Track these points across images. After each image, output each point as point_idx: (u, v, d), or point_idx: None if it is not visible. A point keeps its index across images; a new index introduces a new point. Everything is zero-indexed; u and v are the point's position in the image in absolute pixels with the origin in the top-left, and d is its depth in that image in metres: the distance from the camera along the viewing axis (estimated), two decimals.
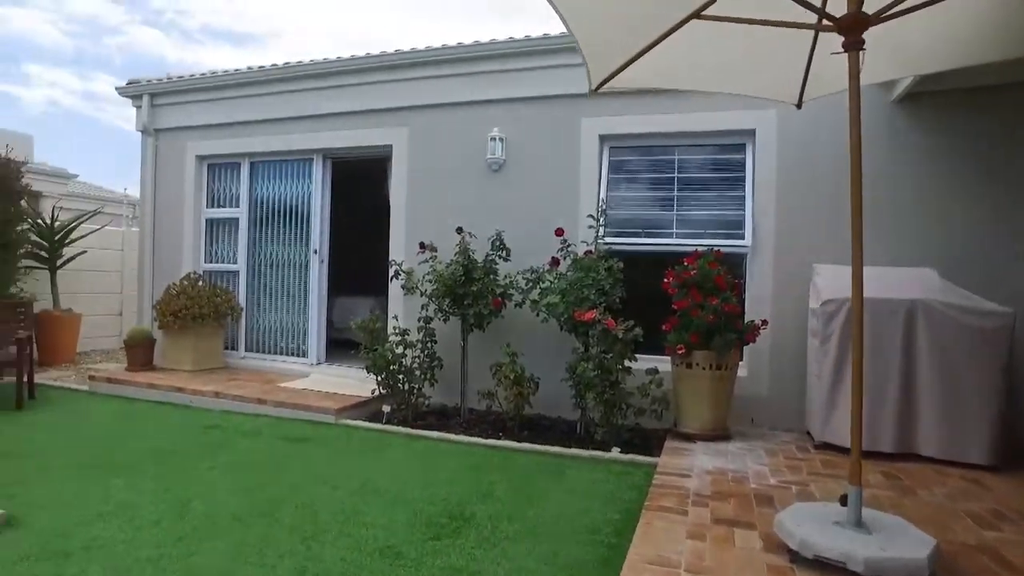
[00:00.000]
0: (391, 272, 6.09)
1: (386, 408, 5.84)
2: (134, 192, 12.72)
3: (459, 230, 5.93)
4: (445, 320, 5.82)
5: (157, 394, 6.60)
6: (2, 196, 7.19)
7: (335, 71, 6.98)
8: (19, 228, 7.59)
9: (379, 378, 5.81)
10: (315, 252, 7.33)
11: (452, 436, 5.29)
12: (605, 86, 3.79)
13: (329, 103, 7.09)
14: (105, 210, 11.97)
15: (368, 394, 6.16)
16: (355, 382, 6.72)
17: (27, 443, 5.02)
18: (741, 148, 5.70)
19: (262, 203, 7.75)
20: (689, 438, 4.89)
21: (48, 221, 8.85)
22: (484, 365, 5.74)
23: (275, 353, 7.63)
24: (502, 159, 6.28)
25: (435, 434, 5.35)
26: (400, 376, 5.76)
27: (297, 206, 7.52)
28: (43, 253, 8.79)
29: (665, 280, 5.09)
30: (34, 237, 8.46)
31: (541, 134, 6.21)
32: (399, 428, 5.56)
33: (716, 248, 5.15)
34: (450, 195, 6.52)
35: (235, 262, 7.84)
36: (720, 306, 4.73)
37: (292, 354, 7.51)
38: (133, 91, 8.13)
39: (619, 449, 4.96)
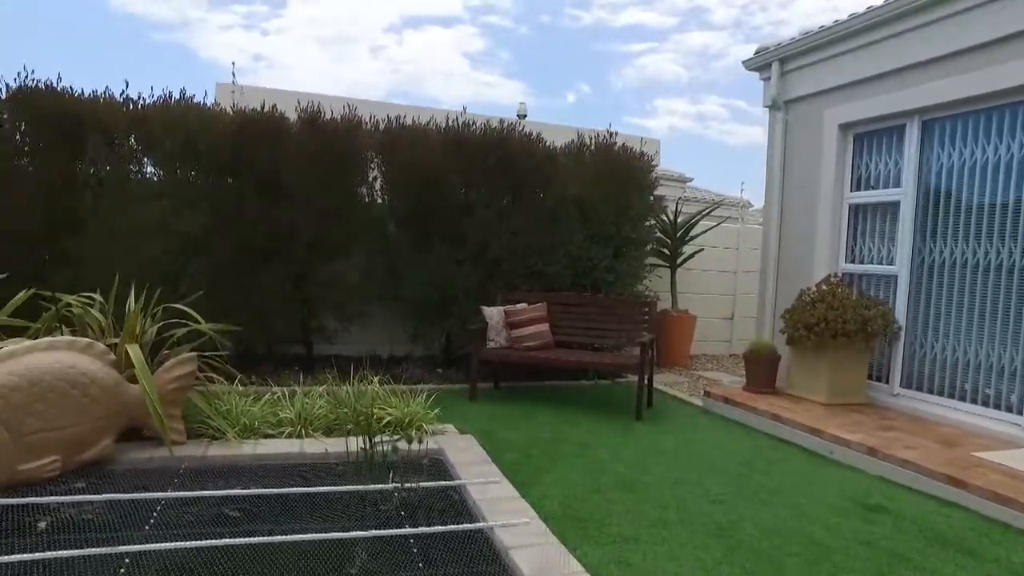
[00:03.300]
0: None
1: None
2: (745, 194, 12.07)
3: None
4: None
5: (782, 430, 5.07)
6: (636, 190, 6.90)
7: None
8: (647, 224, 7.27)
9: None
10: None
11: None
12: None
13: None
14: (715, 212, 11.49)
15: None
16: None
17: (644, 473, 4.11)
18: None
19: (940, 178, 5.36)
20: None
21: (671, 218, 8.56)
22: None
23: (953, 397, 5.15)
24: None
25: None
26: None
27: (1003, 179, 4.87)
28: (665, 251, 8.53)
29: None
30: (658, 234, 8.22)
31: None
32: None
33: None
34: None
35: (890, 263, 5.69)
36: None
37: (986, 403, 4.90)
38: (760, 61, 6.88)
39: None
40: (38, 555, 2.53)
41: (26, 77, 5.68)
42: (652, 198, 7.36)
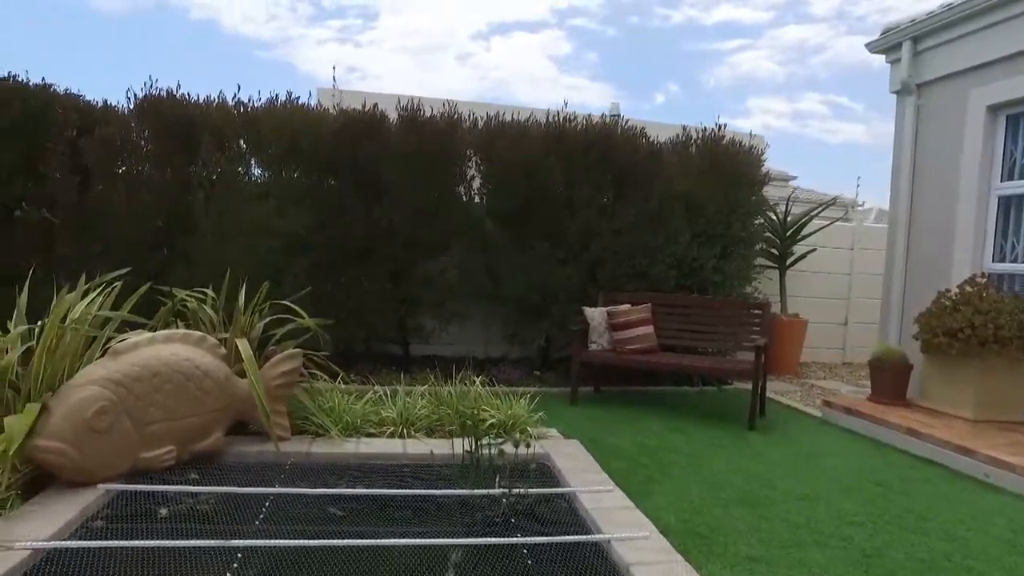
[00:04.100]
0: None
1: None
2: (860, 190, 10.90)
3: None
4: None
5: (919, 446, 4.56)
6: (746, 185, 6.50)
7: None
8: (757, 222, 6.83)
9: None
10: None
11: None
12: None
13: None
14: (823, 213, 10.76)
15: None
16: None
17: (765, 487, 3.77)
18: None
19: None
20: None
21: (780, 217, 8.03)
22: None
23: None
24: None
25: None
26: None
27: None
28: (774, 251, 8.02)
29: None
30: (766, 233, 7.73)
31: None
32: None
33: None
34: None
35: None
36: None
37: None
38: (888, 42, 6.31)
39: None
40: (165, 543, 2.55)
41: (150, 87, 5.97)
42: (762, 194, 6.91)
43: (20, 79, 5.56)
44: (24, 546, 2.35)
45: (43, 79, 5.67)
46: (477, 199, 6.59)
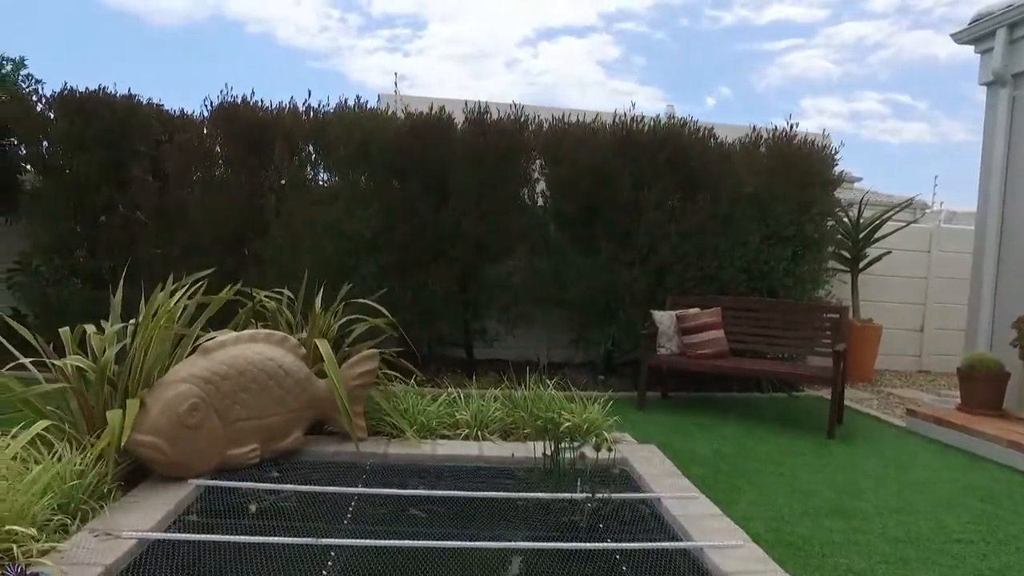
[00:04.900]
0: None
1: None
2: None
3: None
4: None
5: (1021, 459, 4.28)
6: (819, 185, 6.27)
7: None
8: (829, 223, 6.58)
9: None
10: None
11: None
12: None
13: None
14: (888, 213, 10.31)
15: None
16: None
17: (856, 499, 3.60)
18: None
19: None
20: None
21: (852, 218, 7.73)
22: None
23: None
24: None
25: None
26: None
27: None
28: (845, 253, 7.72)
29: None
30: (838, 236, 7.45)
31: None
32: None
33: None
34: None
35: None
36: None
37: None
38: (979, 31, 5.97)
39: None
40: (266, 539, 2.56)
41: (226, 94, 6.14)
42: (833, 195, 6.66)
43: (108, 91, 5.81)
44: (130, 536, 2.41)
45: (129, 90, 5.91)
46: (541, 201, 6.54)
